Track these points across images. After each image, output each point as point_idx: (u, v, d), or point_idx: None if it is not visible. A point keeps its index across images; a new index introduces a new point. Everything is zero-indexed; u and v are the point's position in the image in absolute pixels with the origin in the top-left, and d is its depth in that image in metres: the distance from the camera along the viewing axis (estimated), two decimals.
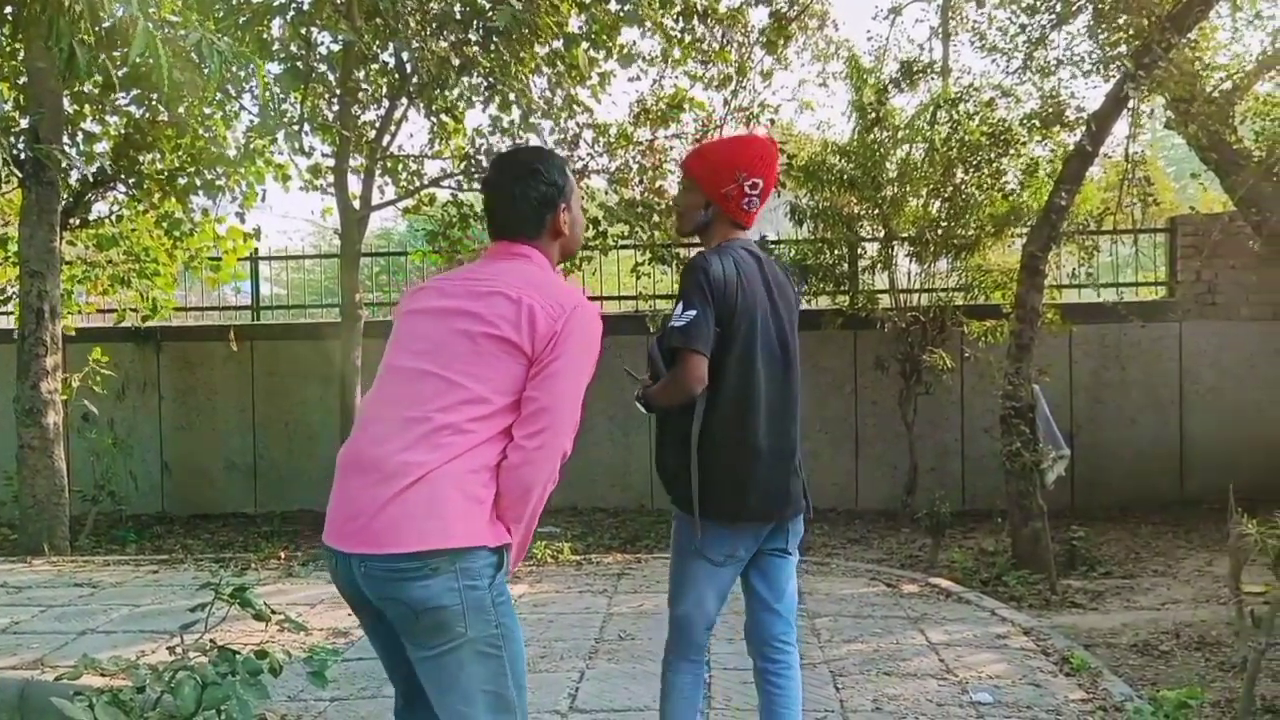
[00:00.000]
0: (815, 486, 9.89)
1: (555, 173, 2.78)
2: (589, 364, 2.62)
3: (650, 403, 3.28)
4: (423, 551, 2.42)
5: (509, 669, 2.53)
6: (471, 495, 2.49)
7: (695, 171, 3.35)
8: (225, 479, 10.38)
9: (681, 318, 3.09)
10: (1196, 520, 8.96)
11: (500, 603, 2.52)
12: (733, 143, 3.62)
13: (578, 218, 2.86)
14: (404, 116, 8.95)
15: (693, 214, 3.34)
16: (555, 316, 2.55)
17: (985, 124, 8.70)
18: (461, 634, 2.46)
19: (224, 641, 5.40)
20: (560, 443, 2.57)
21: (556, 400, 2.55)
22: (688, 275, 3.17)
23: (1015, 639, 5.52)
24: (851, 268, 9.96)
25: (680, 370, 3.09)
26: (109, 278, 9.57)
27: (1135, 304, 9.93)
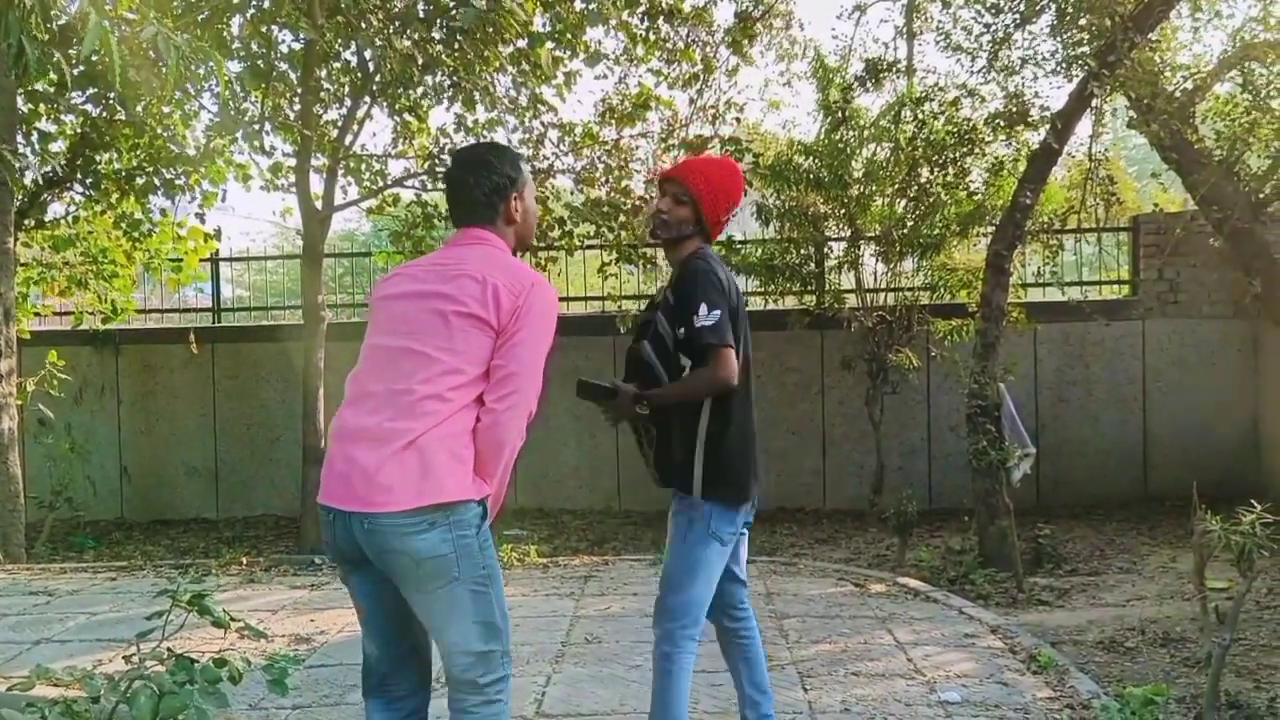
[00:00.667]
0: (783, 486, 9.97)
1: (507, 165, 3.11)
2: (548, 332, 2.93)
3: (661, 402, 3.42)
4: (423, 507, 2.76)
5: (495, 601, 2.89)
6: (456, 455, 2.82)
7: (698, 190, 3.53)
8: (186, 484, 10.22)
9: (709, 317, 3.34)
10: (1160, 517, 9.02)
11: (486, 546, 2.88)
12: (730, 170, 3.70)
13: (530, 207, 3.17)
14: (367, 116, 8.84)
15: (680, 226, 3.54)
16: (517, 293, 2.88)
17: (950, 123, 8.72)
18: (455, 576, 2.81)
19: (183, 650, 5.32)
20: (527, 403, 2.88)
21: (522, 366, 2.86)
22: (702, 278, 3.40)
23: (983, 638, 5.51)
24: (818, 267, 9.95)
25: (718, 365, 3.35)
26: (66, 279, 9.40)
27: (1099, 302, 9.99)
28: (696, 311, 3.34)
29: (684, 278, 3.46)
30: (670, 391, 3.43)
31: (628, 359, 3.57)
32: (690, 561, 3.48)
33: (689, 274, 3.44)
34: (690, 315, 3.36)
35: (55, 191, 9.11)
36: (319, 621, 6.03)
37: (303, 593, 6.73)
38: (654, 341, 3.45)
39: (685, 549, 3.49)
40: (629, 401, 3.40)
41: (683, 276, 3.47)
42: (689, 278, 3.43)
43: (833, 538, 8.93)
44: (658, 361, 3.42)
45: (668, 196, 3.57)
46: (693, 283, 3.40)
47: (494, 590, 2.90)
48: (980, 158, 8.81)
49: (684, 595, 3.48)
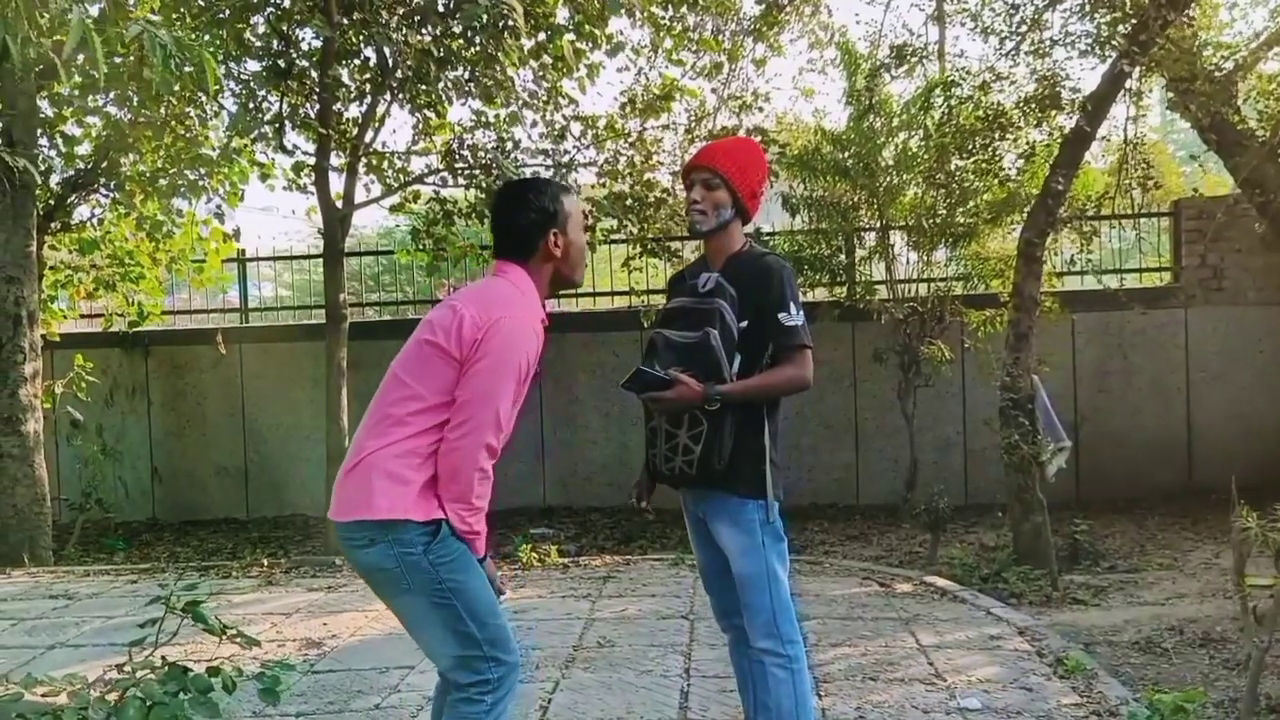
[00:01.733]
0: (815, 482, 9.78)
1: (546, 200, 3.09)
2: (508, 369, 2.89)
3: (735, 399, 3.27)
4: (353, 521, 2.90)
5: (464, 612, 2.91)
6: (397, 476, 2.87)
7: (728, 169, 3.40)
8: (216, 484, 10.23)
9: (798, 317, 3.30)
10: (1204, 511, 8.72)
11: (442, 563, 2.88)
12: (751, 145, 3.66)
13: (575, 241, 3.14)
14: (387, 113, 8.77)
15: (720, 212, 3.41)
16: (480, 325, 2.89)
17: (980, 108, 8.47)
18: (407, 588, 2.91)
19: (189, 656, 5.27)
20: (480, 436, 2.86)
21: (476, 396, 2.87)
22: (788, 277, 3.34)
23: (1010, 640, 5.32)
24: (848, 258, 9.74)
25: (804, 366, 3.31)
26: (93, 282, 9.43)
27: (1138, 290, 9.69)
28: (786, 310, 3.28)
29: (761, 274, 3.33)
30: (750, 387, 3.29)
31: (661, 345, 3.38)
32: (772, 564, 3.36)
33: (767, 271, 3.33)
34: (774, 314, 3.28)
35: (81, 194, 9.14)
36: (331, 625, 5.96)
37: (319, 595, 6.67)
38: (723, 333, 3.29)
39: (763, 552, 3.35)
40: (694, 394, 3.22)
41: (758, 273, 3.34)
42: (768, 275, 3.32)
43: (865, 534, 8.73)
44: (726, 355, 3.27)
45: (698, 186, 3.43)
46: (779, 281, 3.30)
47: (460, 601, 2.91)
48: (1012, 143, 8.55)
49: (780, 596, 3.37)
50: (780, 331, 3.29)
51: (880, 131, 9.14)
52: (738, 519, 3.35)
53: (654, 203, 8.88)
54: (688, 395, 3.21)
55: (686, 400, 3.23)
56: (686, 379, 3.22)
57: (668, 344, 3.37)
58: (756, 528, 3.33)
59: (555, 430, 10.00)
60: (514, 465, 9.88)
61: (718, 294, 3.33)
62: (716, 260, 3.47)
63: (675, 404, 3.25)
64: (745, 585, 3.38)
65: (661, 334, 3.41)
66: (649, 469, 3.53)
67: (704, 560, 3.61)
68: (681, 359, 3.30)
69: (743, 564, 3.37)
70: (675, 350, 3.33)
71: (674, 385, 3.22)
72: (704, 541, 3.55)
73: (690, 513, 3.56)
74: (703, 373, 3.24)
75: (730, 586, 3.48)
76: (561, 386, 9.99)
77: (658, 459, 3.42)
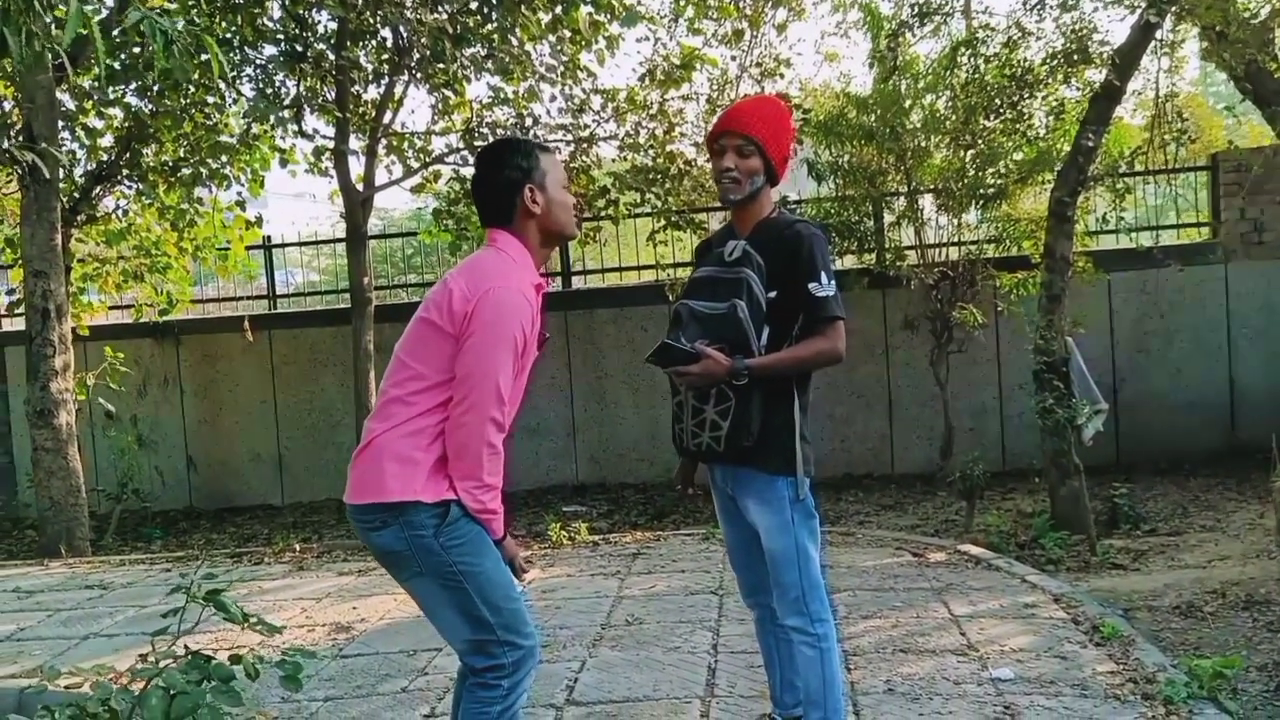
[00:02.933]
0: (849, 452, 9.68)
1: (519, 157, 3.01)
2: (501, 339, 2.81)
3: (766, 373, 3.16)
4: (366, 505, 2.88)
5: (476, 596, 2.87)
6: (405, 457, 2.84)
7: (761, 133, 3.26)
8: (251, 471, 10.29)
9: (830, 287, 3.18)
10: (1248, 471, 8.52)
11: (453, 546, 2.85)
12: (779, 105, 3.43)
13: (555, 197, 3.04)
14: (405, 93, 8.73)
15: (753, 179, 3.28)
16: (469, 298, 2.83)
17: (1007, 66, 8.27)
18: (419, 571, 2.89)
19: (217, 644, 5.28)
20: (483, 410, 2.80)
21: (473, 371, 2.81)
22: (820, 246, 3.21)
23: (1044, 608, 5.21)
24: (877, 224, 9.57)
25: (837, 338, 3.20)
26: (120, 273, 9.47)
27: (1175, 247, 9.46)
28: (817, 280, 3.16)
29: (791, 242, 3.20)
30: (779, 361, 3.18)
31: (685, 316, 3.26)
32: (803, 541, 3.28)
33: (797, 238, 3.20)
34: (804, 284, 3.16)
35: (105, 186, 9.18)
36: (361, 609, 5.95)
37: (349, 579, 6.68)
38: (751, 305, 3.16)
39: (793, 529, 3.26)
40: (721, 368, 3.11)
41: (788, 241, 3.21)
42: (798, 243, 3.19)
43: (900, 504, 8.62)
44: (753, 328, 3.16)
45: (730, 152, 3.28)
46: (810, 251, 3.17)
47: (472, 584, 2.87)
48: (1041, 101, 8.34)
49: (809, 574, 3.30)
50: (811, 302, 3.17)
51: (906, 94, 8.95)
52: (767, 496, 3.26)
53: (677, 174, 8.78)
54: (714, 370, 3.11)
55: (713, 375, 3.12)
56: (713, 353, 3.11)
57: (693, 315, 3.25)
58: (786, 504, 3.25)
59: (585, 407, 9.95)
60: (545, 444, 9.86)
61: (744, 263, 3.21)
62: (744, 227, 3.36)
63: (701, 378, 3.14)
64: (775, 562, 3.31)
65: (686, 305, 3.28)
66: (677, 444, 3.41)
67: (732, 537, 3.54)
68: (707, 331, 3.19)
69: (772, 541, 3.29)
70: (701, 322, 3.22)
71: (700, 359, 3.11)
72: (732, 518, 3.47)
73: (718, 488, 3.48)
74: (730, 346, 3.14)
75: (758, 563, 3.42)
76: (590, 363, 9.93)
77: (684, 435, 3.32)
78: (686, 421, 3.29)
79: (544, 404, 9.84)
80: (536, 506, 8.99)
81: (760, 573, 3.43)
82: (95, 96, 8.69)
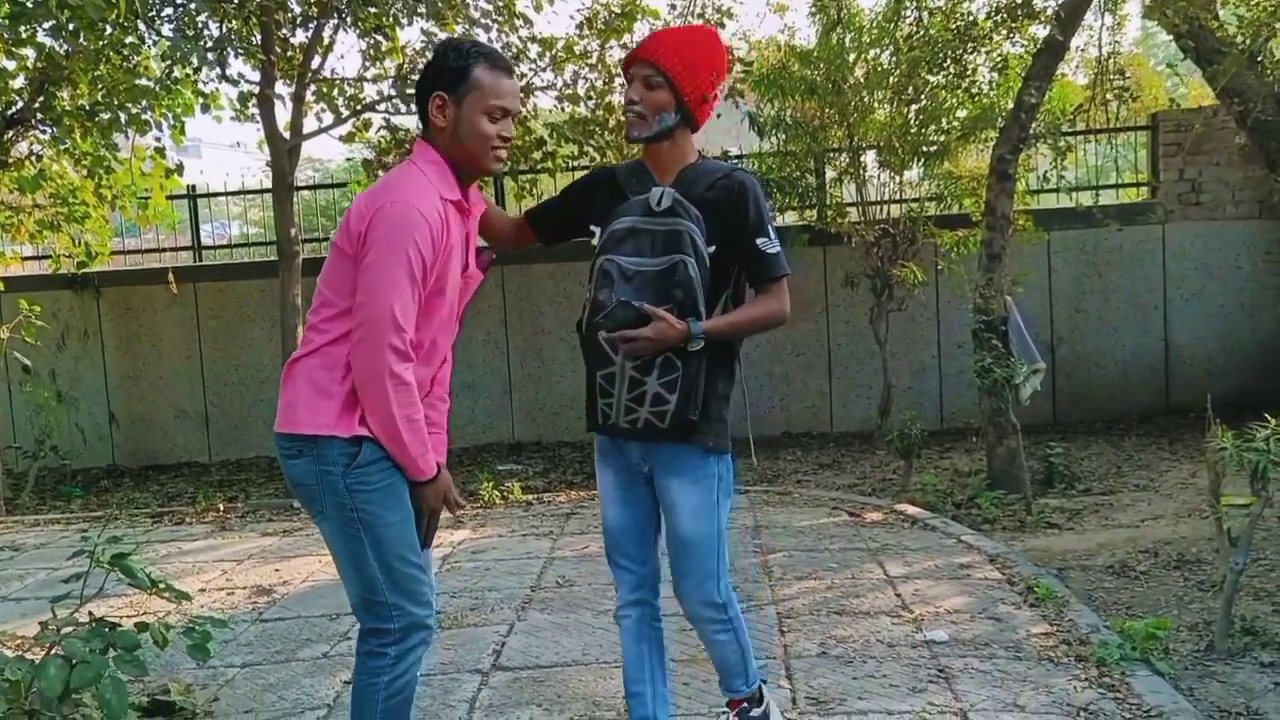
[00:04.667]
0: (788, 410, 9.60)
1: (450, 57, 2.71)
2: (393, 258, 2.58)
3: (719, 337, 2.85)
4: (283, 434, 2.72)
5: (370, 550, 2.70)
6: (320, 388, 2.67)
7: (673, 68, 2.84)
8: (176, 428, 9.98)
9: (775, 244, 2.90)
10: (1182, 430, 8.59)
11: (358, 490, 2.67)
12: (708, 38, 2.97)
13: (469, 118, 2.69)
14: (334, 37, 8.40)
15: (660, 116, 2.86)
16: (364, 215, 2.62)
17: (951, 19, 8.15)
18: (322, 511, 2.73)
19: (131, 610, 5.08)
20: (376, 337, 2.57)
21: (366, 294, 2.60)
22: (758, 199, 2.89)
23: (980, 569, 5.17)
24: (818, 180, 9.45)
25: (784, 297, 2.94)
26: (35, 223, 9.06)
27: (1115, 207, 9.45)
28: (765, 235, 2.86)
29: (731, 193, 2.86)
30: (734, 323, 2.89)
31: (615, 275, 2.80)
32: (722, 523, 3.01)
33: (741, 189, 2.87)
34: (750, 239, 2.86)
35: (18, 131, 8.74)
36: (283, 571, 5.77)
37: (273, 540, 6.48)
38: (697, 261, 2.79)
39: (716, 512, 2.98)
40: (676, 333, 2.74)
41: (727, 191, 2.86)
42: (742, 194, 2.86)
43: (838, 462, 8.57)
44: (700, 287, 2.79)
45: (637, 82, 2.88)
46: (755, 202, 2.86)
47: (369, 535, 2.69)
48: (985, 55, 8.25)
49: (724, 558, 3.03)
50: (760, 259, 2.88)
51: (850, 47, 8.81)
52: (698, 475, 2.94)
53: (616, 126, 8.56)
54: (669, 334, 2.74)
55: (666, 340, 2.74)
56: (666, 315, 2.73)
57: (622, 273, 2.80)
58: (715, 484, 2.96)
59: (522, 364, 9.77)
60: (481, 401, 9.68)
61: (678, 214, 2.80)
62: (664, 173, 2.94)
63: (654, 344, 2.74)
64: (690, 548, 2.98)
65: (614, 261, 2.81)
66: (598, 423, 2.94)
67: (623, 521, 3.08)
68: (643, 291, 2.77)
69: (693, 525, 2.96)
70: (632, 280, 2.79)
71: (652, 322, 2.74)
72: (632, 500, 3.06)
73: (627, 466, 3.02)
74: (676, 307, 2.76)
75: (649, 553, 3.11)
76: (527, 319, 9.74)
77: (614, 410, 2.86)
78: (619, 396, 2.84)
79: (480, 360, 9.64)
80: (471, 465, 8.81)
81: (650, 564, 3.12)
82: (5, 36, 8.25)
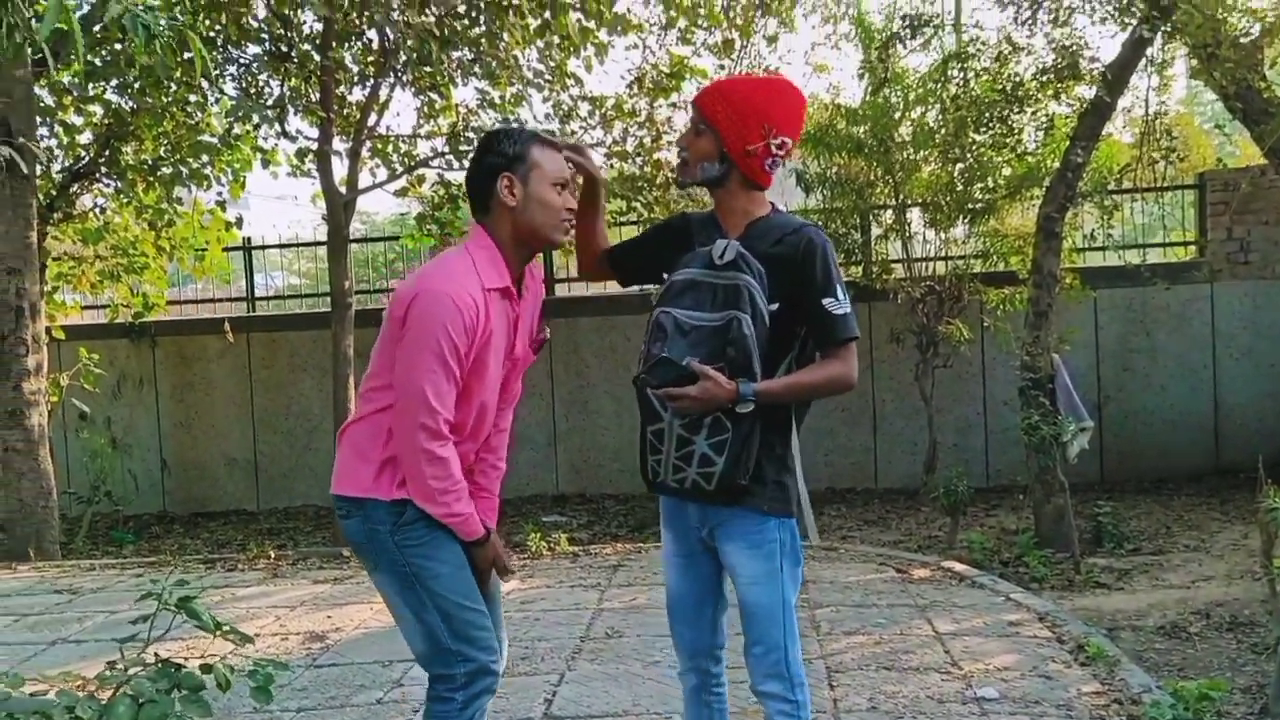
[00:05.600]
0: (832, 466, 9.61)
1: (506, 144, 2.81)
2: (424, 344, 2.69)
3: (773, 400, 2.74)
4: (336, 495, 2.89)
5: (428, 600, 2.81)
6: (362, 454, 2.83)
7: (715, 116, 2.79)
8: (226, 475, 10.15)
9: (845, 304, 2.77)
10: (1232, 491, 8.51)
11: (407, 545, 2.79)
12: (763, 88, 2.89)
13: (537, 193, 2.78)
14: (390, 95, 8.64)
15: (703, 164, 2.83)
16: (403, 300, 2.75)
17: (997, 80, 8.24)
18: (375, 565, 2.87)
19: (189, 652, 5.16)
20: (409, 417, 2.70)
21: (402, 375, 2.73)
22: (830, 255, 2.78)
23: (1029, 626, 5.14)
24: (864, 237, 9.53)
25: (853, 361, 2.80)
26: (96, 273, 9.33)
27: (1162, 265, 9.45)
28: (832, 295, 2.74)
29: (798, 249, 2.75)
30: (792, 385, 2.78)
31: (670, 328, 2.73)
32: (788, 593, 2.87)
33: (808, 246, 2.75)
34: (817, 299, 2.74)
35: (83, 184, 9.04)
36: (335, 618, 5.84)
37: (324, 588, 6.56)
38: (754, 319, 2.69)
39: (780, 579, 2.85)
40: (724, 392, 2.65)
41: (795, 247, 2.75)
42: (810, 251, 2.74)
43: (883, 519, 8.56)
44: (756, 346, 2.68)
45: (690, 125, 2.86)
46: (824, 260, 2.75)
47: (424, 587, 2.81)
48: (1030, 116, 8.32)
49: (792, 630, 2.88)
50: (827, 321, 2.75)
51: (896, 106, 8.92)
52: (757, 540, 2.83)
53: (664, 183, 8.70)
54: (716, 394, 2.65)
55: (714, 399, 2.66)
56: (715, 373, 2.65)
57: (679, 327, 2.72)
58: (777, 550, 2.84)
59: (567, 416, 9.86)
60: (526, 452, 9.76)
61: (740, 268, 2.70)
62: (732, 225, 2.85)
63: (699, 403, 2.67)
64: (752, 617, 2.87)
65: (670, 314, 2.73)
66: (649, 480, 2.88)
67: (683, 588, 3.01)
68: (698, 347, 2.69)
69: (756, 593, 2.85)
70: (689, 336, 2.71)
71: (698, 379, 2.66)
72: (691, 566, 2.98)
73: (687, 529, 2.95)
74: (729, 366, 2.67)
75: (708, 622, 3.02)
76: (573, 371, 9.85)
77: (663, 467, 2.79)
78: (668, 454, 2.78)
79: (525, 412, 9.73)
80: (516, 516, 8.88)
81: (708, 632, 3.02)
82: (74, 93, 8.57)
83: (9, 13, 4.13)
